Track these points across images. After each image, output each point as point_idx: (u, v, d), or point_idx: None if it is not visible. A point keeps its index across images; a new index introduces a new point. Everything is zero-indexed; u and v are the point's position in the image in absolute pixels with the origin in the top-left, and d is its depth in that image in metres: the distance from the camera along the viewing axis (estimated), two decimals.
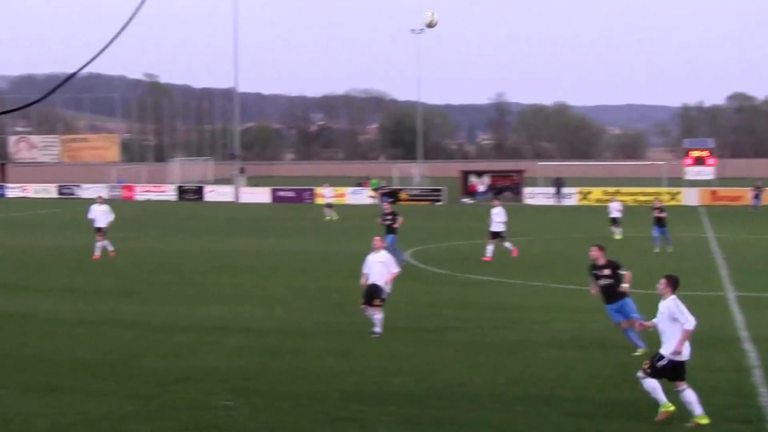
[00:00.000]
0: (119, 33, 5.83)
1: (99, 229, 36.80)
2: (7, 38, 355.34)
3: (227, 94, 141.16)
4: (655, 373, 14.47)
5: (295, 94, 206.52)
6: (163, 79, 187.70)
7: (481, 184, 77.43)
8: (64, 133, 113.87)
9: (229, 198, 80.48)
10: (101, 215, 36.95)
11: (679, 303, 14.64)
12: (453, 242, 42.70)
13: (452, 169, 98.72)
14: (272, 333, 21.87)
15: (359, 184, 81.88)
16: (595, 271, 19.54)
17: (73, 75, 6.70)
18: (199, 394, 16.34)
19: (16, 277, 31.34)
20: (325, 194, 62.16)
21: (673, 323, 14.54)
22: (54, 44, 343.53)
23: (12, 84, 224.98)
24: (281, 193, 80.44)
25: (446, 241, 43.22)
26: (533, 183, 78.42)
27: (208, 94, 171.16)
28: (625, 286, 19.15)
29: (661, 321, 14.77)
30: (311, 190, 78.75)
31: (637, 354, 18.43)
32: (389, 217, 35.27)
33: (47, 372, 17.72)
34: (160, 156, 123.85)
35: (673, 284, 14.89)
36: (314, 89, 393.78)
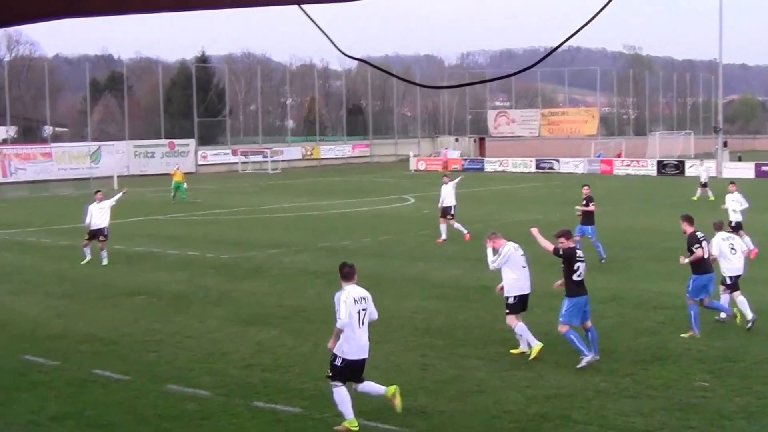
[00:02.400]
0: (604, 6, 5.52)
1: (96, 233, 30.30)
2: (488, 16, 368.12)
3: (710, 66, 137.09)
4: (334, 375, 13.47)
5: None
6: (645, 51, 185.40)
7: None
8: (543, 107, 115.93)
9: (712, 173, 77.96)
10: (99, 215, 30.35)
11: (340, 298, 13.47)
12: None
13: None
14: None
15: None
16: None
17: (554, 50, 6.50)
18: (675, 373, 15.90)
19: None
20: (701, 173, 57.59)
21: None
22: (533, 18, 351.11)
23: (491, 59, 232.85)
24: (765, 168, 76.66)
25: None
26: None
27: (690, 65, 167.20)
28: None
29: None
30: None
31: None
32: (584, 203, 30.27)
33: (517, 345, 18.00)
34: (640, 130, 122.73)
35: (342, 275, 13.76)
36: None
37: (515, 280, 17.73)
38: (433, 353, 17.45)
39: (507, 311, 17.66)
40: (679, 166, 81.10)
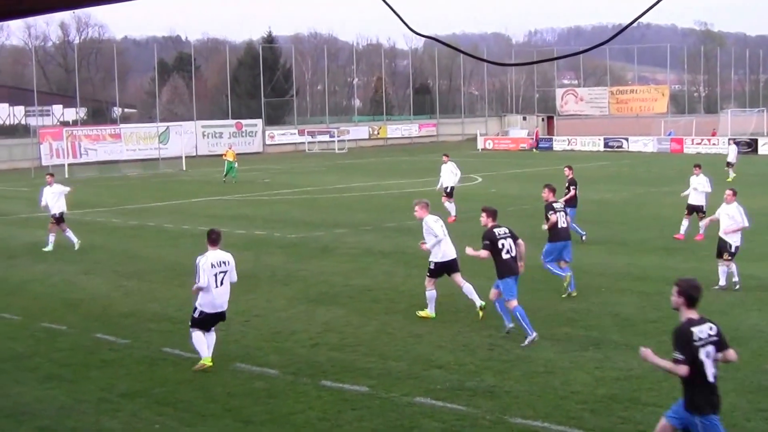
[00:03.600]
0: None
1: (55, 218, 29.80)
2: None
3: None
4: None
5: None
6: (716, 27, 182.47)
7: None
8: (611, 85, 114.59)
9: None
10: (53, 200, 29.83)
11: (199, 263, 15.69)
12: None
13: None
14: None
15: None
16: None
17: (624, 29, 6.39)
18: (746, 355, 15.58)
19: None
20: (730, 152, 56.22)
21: None
22: None
23: (559, 36, 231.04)
24: None
25: None
26: None
27: (763, 41, 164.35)
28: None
29: None
30: None
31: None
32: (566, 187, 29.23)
33: (590, 326, 17.87)
34: (711, 108, 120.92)
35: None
36: None
37: (436, 249, 18.88)
38: (499, 333, 17.38)
39: (427, 274, 19.15)
40: (752, 144, 79.69)
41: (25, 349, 17.20)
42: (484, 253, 17.00)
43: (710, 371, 9.88)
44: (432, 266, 18.97)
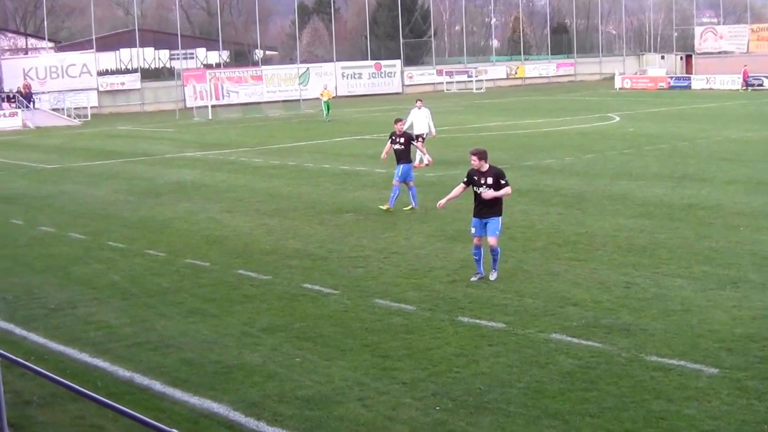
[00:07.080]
0: None
1: None
2: None
3: None
4: None
5: None
6: None
7: None
8: (751, 23, 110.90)
9: None
10: None
11: None
12: None
13: None
14: None
15: None
16: None
17: None
18: None
19: (698, 169, 31.46)
20: None
21: None
22: None
23: None
24: None
25: None
26: None
27: None
28: None
29: None
30: None
31: None
32: (401, 141, 25.47)
33: (728, 264, 17.63)
34: None
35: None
36: None
37: None
38: (636, 272, 17.31)
39: None
40: None
41: (170, 285, 17.82)
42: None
43: None
44: None
